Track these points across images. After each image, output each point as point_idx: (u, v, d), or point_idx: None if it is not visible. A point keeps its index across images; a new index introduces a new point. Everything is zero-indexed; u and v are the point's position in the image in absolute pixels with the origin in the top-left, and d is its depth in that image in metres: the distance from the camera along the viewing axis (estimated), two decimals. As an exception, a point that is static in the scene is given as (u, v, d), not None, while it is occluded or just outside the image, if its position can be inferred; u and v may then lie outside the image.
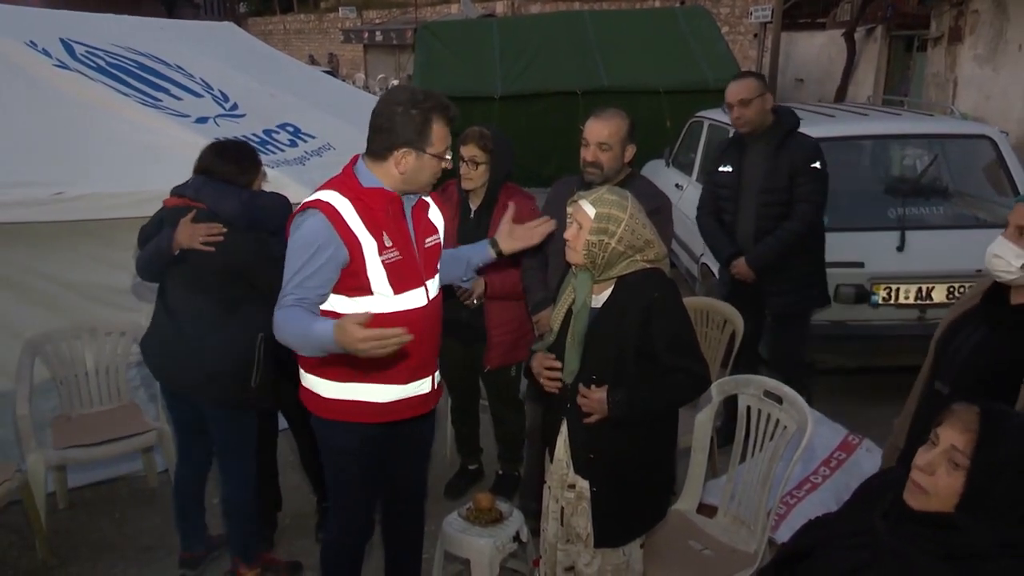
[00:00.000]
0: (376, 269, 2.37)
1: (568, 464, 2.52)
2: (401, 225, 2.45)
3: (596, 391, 2.34)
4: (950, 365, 2.34)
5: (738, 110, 3.93)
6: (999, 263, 2.23)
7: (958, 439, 1.57)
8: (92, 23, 5.31)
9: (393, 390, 2.52)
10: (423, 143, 2.35)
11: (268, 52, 7.35)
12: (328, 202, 2.33)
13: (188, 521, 3.33)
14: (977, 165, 5.15)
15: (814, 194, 3.88)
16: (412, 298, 2.47)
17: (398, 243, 2.42)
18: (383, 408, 2.53)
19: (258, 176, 3.07)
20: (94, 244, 3.79)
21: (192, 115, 4.35)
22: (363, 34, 31.43)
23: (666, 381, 2.35)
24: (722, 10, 21.51)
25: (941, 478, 1.57)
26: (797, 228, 3.88)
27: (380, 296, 2.39)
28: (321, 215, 2.31)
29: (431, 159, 2.38)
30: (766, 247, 3.92)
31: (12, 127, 3.81)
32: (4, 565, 3.48)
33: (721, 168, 4.16)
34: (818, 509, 3.16)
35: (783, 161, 3.88)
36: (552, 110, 11.03)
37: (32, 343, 3.64)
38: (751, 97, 3.91)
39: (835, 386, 5.06)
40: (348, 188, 2.37)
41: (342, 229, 2.31)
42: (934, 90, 13.85)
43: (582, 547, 2.51)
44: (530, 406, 3.65)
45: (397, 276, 2.41)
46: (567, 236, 2.39)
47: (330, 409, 2.52)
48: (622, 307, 2.36)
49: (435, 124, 2.35)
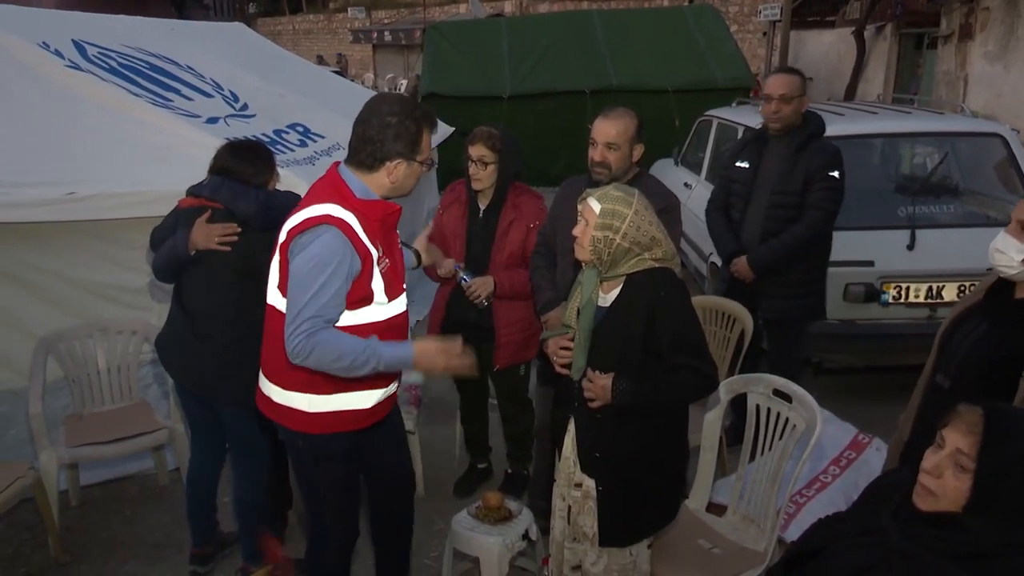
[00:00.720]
0: (377, 279, 2.40)
1: (575, 462, 2.53)
2: (391, 233, 2.49)
3: (602, 377, 2.35)
4: (951, 359, 2.36)
5: (778, 104, 3.85)
6: (1001, 258, 2.25)
7: (963, 442, 1.57)
8: (103, 24, 5.33)
9: (377, 394, 2.55)
10: (414, 153, 2.39)
11: (277, 52, 7.38)
12: (340, 217, 2.30)
13: (199, 518, 3.36)
14: (988, 163, 5.12)
15: (826, 202, 3.81)
16: (399, 304, 2.53)
17: (388, 251, 2.45)
18: (368, 413, 2.56)
19: (273, 176, 3.09)
20: (106, 243, 3.82)
21: (203, 115, 4.38)
22: (372, 34, 31.48)
23: (672, 377, 2.35)
24: (731, 8, 21.45)
25: (948, 481, 1.57)
26: (804, 234, 3.81)
27: (377, 305, 2.42)
28: (336, 230, 2.28)
29: (418, 166, 2.43)
30: (769, 249, 3.87)
31: (25, 127, 3.84)
32: (17, 562, 3.51)
33: (738, 163, 4.11)
34: (828, 508, 3.16)
35: (801, 164, 3.82)
36: (560, 109, 11.04)
37: (45, 342, 3.67)
38: (793, 95, 3.83)
39: (845, 385, 5.05)
40: (346, 200, 2.35)
41: (356, 243, 2.31)
42: (944, 88, 13.77)
43: (588, 546, 2.52)
44: (538, 404, 3.66)
45: (389, 283, 2.45)
46: (575, 232, 2.40)
47: (315, 423, 2.50)
48: (629, 306, 2.37)
49: (425, 133, 2.40)
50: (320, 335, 2.25)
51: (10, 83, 4.06)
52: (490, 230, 3.52)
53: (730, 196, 4.14)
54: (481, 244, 3.52)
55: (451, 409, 4.24)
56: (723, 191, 4.22)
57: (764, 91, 3.96)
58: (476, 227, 3.54)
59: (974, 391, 2.18)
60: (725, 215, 4.16)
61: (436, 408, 4.80)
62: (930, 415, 2.39)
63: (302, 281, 2.27)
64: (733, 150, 4.32)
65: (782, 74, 3.99)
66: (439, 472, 4.14)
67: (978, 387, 2.21)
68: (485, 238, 3.52)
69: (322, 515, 2.70)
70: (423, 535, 3.66)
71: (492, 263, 3.49)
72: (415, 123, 2.36)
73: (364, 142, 2.36)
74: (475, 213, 3.55)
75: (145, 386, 4.08)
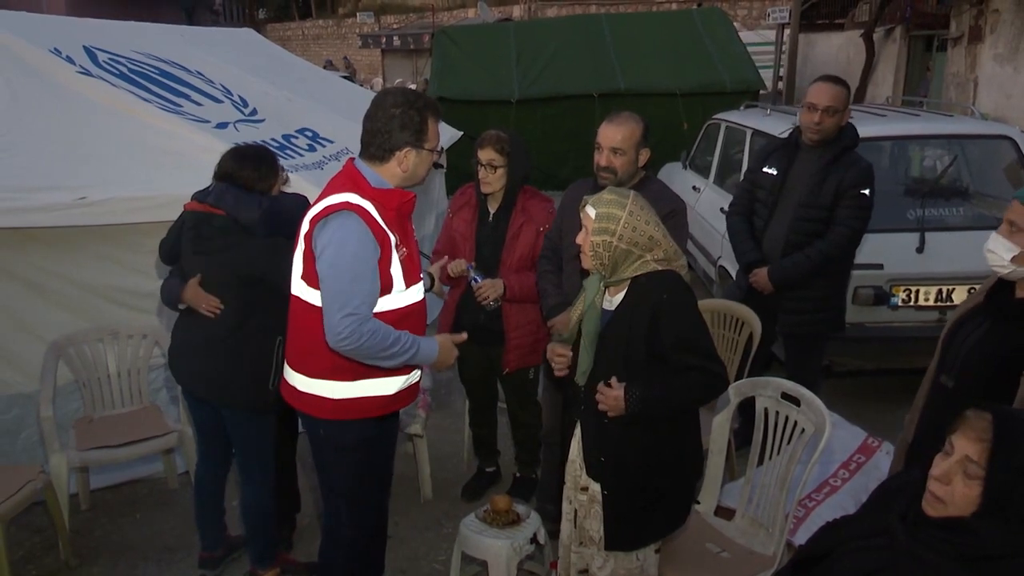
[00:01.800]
0: (396, 266, 2.46)
1: (581, 467, 2.53)
2: (406, 222, 2.55)
3: (613, 388, 2.34)
4: (954, 358, 2.37)
5: (821, 116, 3.68)
6: (992, 258, 2.29)
7: (972, 449, 1.55)
8: (114, 30, 5.37)
9: (398, 381, 2.60)
10: (421, 141, 2.47)
11: (287, 58, 7.41)
12: (359, 204, 2.39)
13: (208, 521, 3.37)
14: (998, 165, 5.10)
15: (854, 220, 3.68)
16: (417, 291, 2.59)
17: (404, 239, 2.51)
18: (389, 400, 2.60)
19: (277, 180, 3.11)
20: (116, 248, 3.84)
21: (212, 120, 4.40)
22: (381, 39, 31.55)
23: (682, 380, 2.34)
24: (739, 12, 21.43)
25: (957, 488, 1.57)
26: (828, 251, 3.70)
27: (397, 292, 2.49)
28: (356, 216, 2.37)
29: (428, 154, 2.51)
30: (792, 264, 3.75)
31: (36, 133, 3.87)
32: (28, 565, 3.53)
33: (765, 169, 3.96)
34: (837, 512, 3.14)
35: (832, 178, 3.68)
36: (568, 113, 11.05)
37: (56, 346, 3.70)
38: (839, 108, 3.69)
39: (854, 389, 5.03)
40: (363, 191, 2.44)
41: (376, 228, 2.39)
42: (954, 90, 13.72)
43: (595, 550, 2.51)
44: (546, 408, 3.66)
45: (407, 271, 2.51)
46: (577, 240, 2.41)
47: (338, 409, 2.56)
48: (633, 308, 2.37)
49: (430, 121, 2.49)
50: (370, 324, 2.35)
51: (21, 89, 4.09)
52: (500, 233, 3.52)
53: (754, 202, 4.01)
54: (491, 247, 3.53)
55: (459, 412, 4.25)
56: (747, 195, 4.08)
57: (807, 99, 3.76)
58: (486, 231, 3.55)
59: (977, 390, 2.19)
60: (747, 221, 4.03)
61: (445, 411, 4.81)
62: (934, 415, 2.40)
63: (342, 271, 2.35)
64: (761, 154, 4.16)
65: (829, 84, 3.74)
66: (447, 475, 4.15)
67: (981, 386, 2.23)
68: (495, 241, 3.53)
69: (339, 512, 2.74)
70: (431, 538, 3.67)
71: (502, 266, 3.50)
72: (418, 112, 2.45)
73: (373, 135, 2.47)
74: (485, 216, 3.56)
75: (155, 390, 4.10)
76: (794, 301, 3.85)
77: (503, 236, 3.51)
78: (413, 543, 3.64)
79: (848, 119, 3.79)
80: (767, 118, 5.79)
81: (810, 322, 3.89)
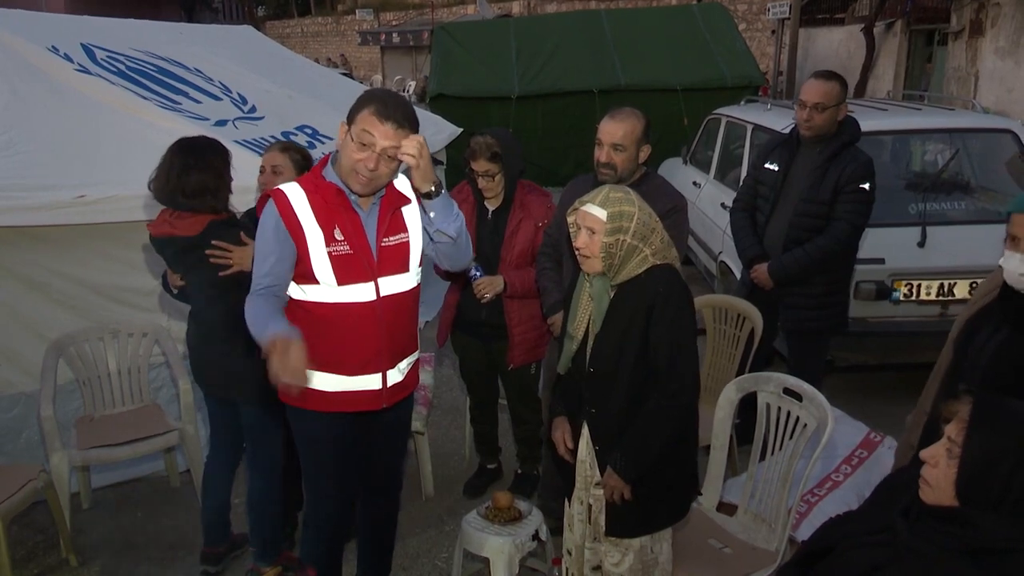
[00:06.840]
0: (321, 260, 2.45)
1: (592, 464, 2.52)
2: (354, 219, 2.49)
3: (609, 476, 2.40)
4: (973, 366, 2.30)
5: (810, 113, 3.68)
6: (1009, 275, 2.23)
7: (952, 429, 1.59)
8: (112, 28, 5.36)
9: (336, 380, 2.58)
10: (351, 123, 2.40)
11: (286, 55, 7.39)
12: (282, 190, 2.47)
13: (214, 515, 3.37)
14: (999, 159, 5.09)
15: (854, 215, 3.66)
16: (357, 292, 2.51)
17: (350, 237, 2.47)
18: (329, 397, 2.59)
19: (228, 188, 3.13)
20: (115, 246, 3.83)
21: (211, 118, 4.39)
22: (380, 36, 31.55)
23: (648, 421, 2.37)
24: (739, 7, 21.38)
25: (940, 469, 1.58)
26: (828, 246, 3.68)
27: (325, 285, 2.48)
28: (271, 202, 2.45)
29: (350, 142, 2.40)
30: (791, 259, 3.74)
31: (35, 131, 3.86)
32: (30, 564, 3.53)
33: (767, 165, 3.96)
34: (839, 507, 3.14)
35: (832, 173, 3.66)
36: (569, 109, 11.04)
37: (56, 344, 3.69)
38: (829, 104, 3.66)
39: (856, 384, 5.02)
40: (310, 180, 2.51)
41: (287, 216, 2.43)
42: (955, 84, 13.71)
43: (610, 546, 2.51)
44: (547, 405, 3.65)
45: (343, 269, 2.47)
46: (579, 245, 2.36)
47: (302, 398, 2.58)
48: (626, 303, 2.37)
49: (365, 110, 2.38)
50: (252, 299, 2.42)
51: (20, 87, 4.08)
52: (499, 230, 3.52)
53: (757, 198, 4.02)
54: (491, 244, 3.52)
55: (460, 409, 4.24)
56: (750, 192, 4.08)
57: (799, 96, 3.78)
58: (485, 228, 3.55)
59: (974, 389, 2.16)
60: (750, 217, 4.03)
61: (446, 408, 4.81)
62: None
63: (257, 249, 2.50)
64: (764, 150, 4.16)
65: (820, 80, 3.73)
66: (449, 472, 4.15)
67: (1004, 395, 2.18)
68: (494, 238, 3.53)
69: (308, 495, 2.85)
70: (433, 535, 3.67)
71: (502, 263, 3.49)
72: (358, 101, 2.43)
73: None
74: (483, 214, 3.55)
75: (156, 388, 4.10)
76: (797, 297, 3.83)
77: (502, 233, 3.51)
78: (415, 540, 3.63)
79: (847, 113, 3.78)
80: (767, 113, 5.78)
81: (813, 318, 3.88)
